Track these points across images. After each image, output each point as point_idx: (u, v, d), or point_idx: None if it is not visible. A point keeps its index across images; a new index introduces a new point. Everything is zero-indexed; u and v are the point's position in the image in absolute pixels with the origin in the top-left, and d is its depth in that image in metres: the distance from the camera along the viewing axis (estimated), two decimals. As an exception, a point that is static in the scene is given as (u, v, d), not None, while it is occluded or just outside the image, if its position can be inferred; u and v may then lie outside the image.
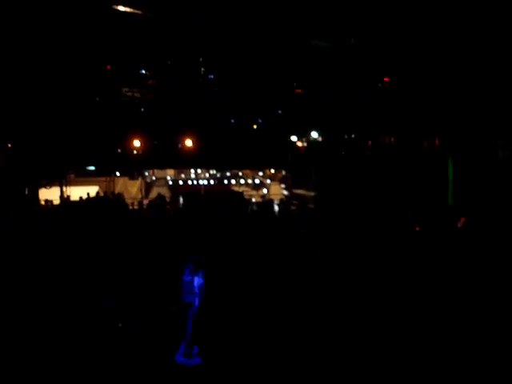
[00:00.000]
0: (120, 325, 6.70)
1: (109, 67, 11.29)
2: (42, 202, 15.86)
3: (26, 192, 15.34)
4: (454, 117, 10.04)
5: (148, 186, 23.07)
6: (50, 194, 16.68)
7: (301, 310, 7.24)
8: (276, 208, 15.68)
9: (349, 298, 7.50)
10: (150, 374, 5.63)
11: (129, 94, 13.32)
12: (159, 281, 8.30)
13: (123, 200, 16.93)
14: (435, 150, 11.09)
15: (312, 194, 17.96)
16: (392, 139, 13.15)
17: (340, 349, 6.07)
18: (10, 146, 14.31)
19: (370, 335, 6.32)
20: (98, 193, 18.55)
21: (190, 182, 24.02)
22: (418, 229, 9.74)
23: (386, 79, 11.19)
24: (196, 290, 6.07)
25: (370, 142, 14.58)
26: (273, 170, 23.67)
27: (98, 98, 13.36)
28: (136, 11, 9.50)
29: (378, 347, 6.02)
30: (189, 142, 16.37)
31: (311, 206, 16.83)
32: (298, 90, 12.32)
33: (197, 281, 6.09)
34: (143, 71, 11.79)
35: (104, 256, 9.59)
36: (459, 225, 9.02)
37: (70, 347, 6.14)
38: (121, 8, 9.39)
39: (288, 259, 9.42)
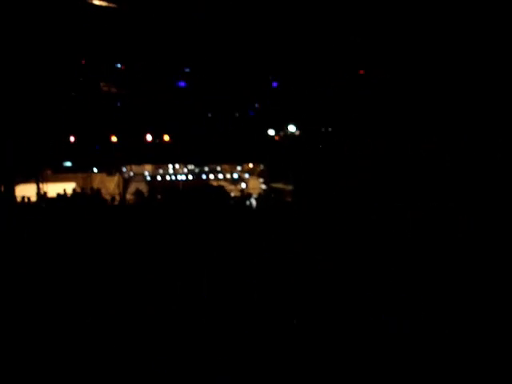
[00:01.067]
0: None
1: (83, 62, 11.23)
2: (19, 199, 15.73)
3: (2, 189, 15.22)
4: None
5: (126, 182, 22.95)
6: (26, 191, 16.56)
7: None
8: (254, 202, 15.74)
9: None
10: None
11: (105, 88, 13.26)
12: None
13: (101, 195, 16.87)
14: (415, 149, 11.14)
15: (290, 187, 18.05)
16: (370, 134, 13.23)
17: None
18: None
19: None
20: (74, 189, 18.44)
21: (168, 178, 23.94)
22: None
23: (361, 72, 11.27)
24: None
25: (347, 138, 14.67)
26: (251, 165, 23.70)
27: (73, 93, 13.28)
28: (111, 5, 9.46)
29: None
30: (166, 137, 16.35)
31: (289, 199, 16.93)
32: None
33: None
34: (119, 65, 11.74)
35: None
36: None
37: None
38: (95, 1, 9.35)
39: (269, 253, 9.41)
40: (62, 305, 7.19)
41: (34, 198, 16.27)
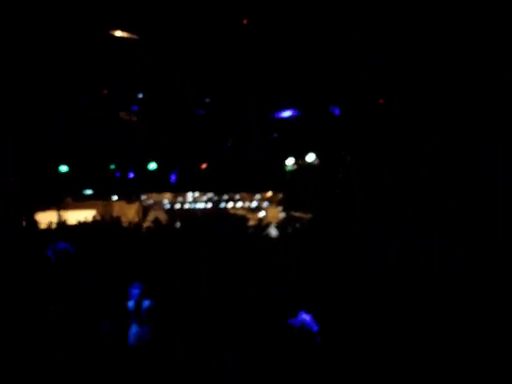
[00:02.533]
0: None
1: (105, 92, 11.39)
2: (42, 226, 15.87)
3: (24, 217, 15.38)
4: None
5: (145, 210, 23.06)
6: (47, 219, 16.72)
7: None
8: (274, 231, 15.66)
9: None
10: None
11: (125, 118, 13.41)
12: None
13: (120, 223, 16.97)
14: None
15: (309, 215, 17.97)
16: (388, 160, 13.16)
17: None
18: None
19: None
20: (94, 217, 18.59)
21: (187, 206, 24.01)
22: None
23: (380, 100, 11.27)
24: None
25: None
26: (270, 193, 23.73)
27: (94, 123, 13.44)
28: (133, 36, 9.60)
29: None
30: (185, 166, 16.48)
31: (308, 227, 16.84)
32: None
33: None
34: (140, 95, 11.90)
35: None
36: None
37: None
38: (117, 33, 9.50)
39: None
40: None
41: (54, 226, 16.39)
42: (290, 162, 16.98)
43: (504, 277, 7.17)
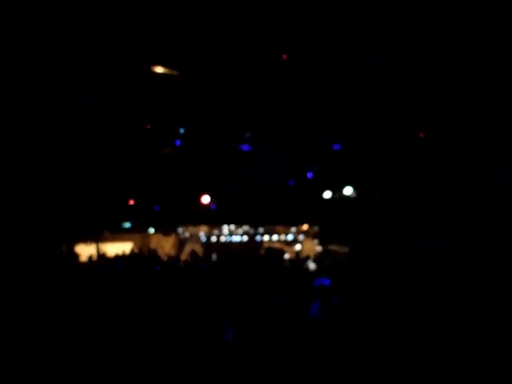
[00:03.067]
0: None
1: (148, 126, 11.59)
2: (82, 259, 16.07)
3: (64, 249, 15.58)
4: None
5: (181, 243, 23.22)
6: (86, 251, 16.94)
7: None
8: (311, 265, 15.58)
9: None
10: None
11: (168, 152, 13.61)
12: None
13: (158, 256, 17.07)
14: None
15: (346, 249, 17.84)
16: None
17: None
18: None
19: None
20: (132, 250, 18.79)
21: (222, 239, 24.10)
22: None
23: (420, 135, 11.22)
24: None
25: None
26: (306, 226, 23.68)
27: (134, 156, 13.66)
28: (173, 73, 9.79)
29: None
30: (223, 199, 16.59)
31: (345, 261, 16.71)
32: None
33: None
34: (182, 130, 12.07)
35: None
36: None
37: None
38: (158, 70, 9.69)
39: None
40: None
41: (94, 258, 16.60)
42: (326, 195, 16.94)
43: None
